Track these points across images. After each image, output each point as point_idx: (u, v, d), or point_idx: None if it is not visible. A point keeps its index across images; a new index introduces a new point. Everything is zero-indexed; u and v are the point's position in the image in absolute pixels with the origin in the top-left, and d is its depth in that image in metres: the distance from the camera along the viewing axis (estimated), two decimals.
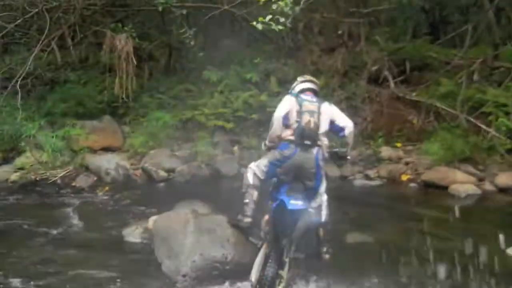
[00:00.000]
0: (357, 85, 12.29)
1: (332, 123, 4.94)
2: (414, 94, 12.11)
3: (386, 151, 10.82)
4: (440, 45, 13.74)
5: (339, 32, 13.27)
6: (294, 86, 5.29)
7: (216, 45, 14.46)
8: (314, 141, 4.77)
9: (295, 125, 4.78)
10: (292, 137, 4.78)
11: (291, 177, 4.89)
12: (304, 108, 4.79)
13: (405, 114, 11.78)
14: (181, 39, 11.48)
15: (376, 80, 12.59)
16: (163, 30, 14.02)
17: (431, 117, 11.42)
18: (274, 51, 13.79)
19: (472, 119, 10.61)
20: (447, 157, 9.77)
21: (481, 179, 9.50)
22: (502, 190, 9.14)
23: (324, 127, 4.89)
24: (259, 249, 4.97)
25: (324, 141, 4.91)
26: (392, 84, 12.38)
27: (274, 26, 7.17)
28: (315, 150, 4.80)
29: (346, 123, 4.98)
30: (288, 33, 13.13)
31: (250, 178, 5.08)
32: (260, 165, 5.07)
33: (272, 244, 4.79)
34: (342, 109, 5.23)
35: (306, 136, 4.71)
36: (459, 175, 9.39)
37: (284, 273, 4.64)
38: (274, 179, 5.12)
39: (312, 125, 4.73)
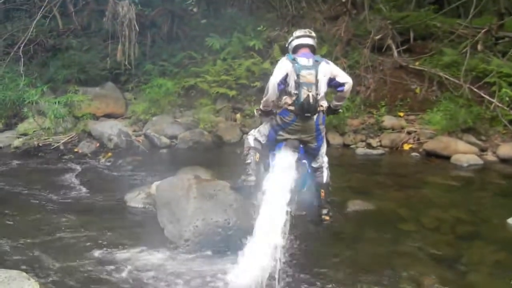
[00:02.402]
0: (360, 54, 12.22)
1: (332, 80, 4.94)
2: (417, 63, 12.05)
3: (388, 120, 10.78)
4: (444, 14, 13.62)
5: (343, 0, 13.15)
6: (291, 41, 5.21)
7: (219, 12, 14.39)
8: (315, 111, 4.80)
9: (294, 97, 4.77)
10: (292, 107, 4.79)
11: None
12: (302, 79, 4.72)
13: (408, 83, 11.76)
14: (184, 6, 11.43)
15: (379, 49, 12.53)
16: None
17: (434, 86, 11.39)
18: (277, 19, 13.72)
19: (475, 89, 10.59)
20: (450, 127, 9.76)
21: (483, 149, 9.52)
22: (504, 160, 9.15)
23: (323, 90, 4.89)
24: None
25: (324, 104, 4.92)
26: (395, 53, 12.34)
27: None
28: (315, 117, 4.85)
29: (346, 79, 4.98)
30: (292, 0, 13.06)
31: (251, 141, 5.21)
32: (262, 129, 5.20)
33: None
34: None
35: (306, 110, 4.75)
36: (461, 145, 9.41)
37: (286, 228, 4.68)
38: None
39: (311, 100, 4.71)
